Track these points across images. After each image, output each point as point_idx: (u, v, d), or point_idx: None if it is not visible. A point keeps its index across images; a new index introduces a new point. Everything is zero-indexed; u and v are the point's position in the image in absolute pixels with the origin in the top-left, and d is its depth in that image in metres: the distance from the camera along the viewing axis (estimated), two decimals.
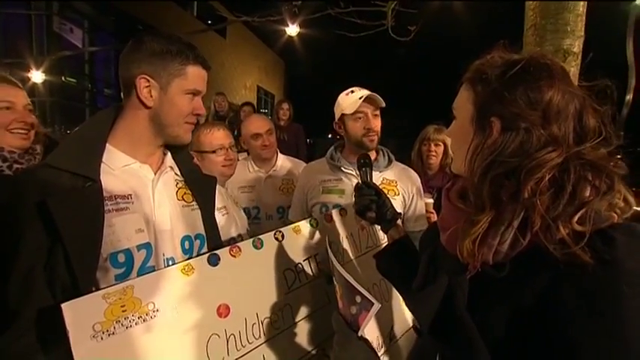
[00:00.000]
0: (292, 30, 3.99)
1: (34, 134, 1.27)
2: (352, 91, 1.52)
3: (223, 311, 0.88)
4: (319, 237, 1.17)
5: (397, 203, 1.51)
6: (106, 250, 0.83)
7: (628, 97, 2.19)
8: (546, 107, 0.59)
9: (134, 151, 0.94)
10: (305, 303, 1.05)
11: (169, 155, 1.05)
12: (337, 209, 1.28)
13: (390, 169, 1.58)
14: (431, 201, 1.86)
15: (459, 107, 0.72)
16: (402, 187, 1.57)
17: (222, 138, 1.59)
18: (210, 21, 10.16)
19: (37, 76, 4.16)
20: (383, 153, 1.62)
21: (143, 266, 0.89)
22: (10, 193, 0.82)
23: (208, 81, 1.00)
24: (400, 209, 1.54)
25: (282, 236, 1.06)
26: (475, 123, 0.66)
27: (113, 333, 0.70)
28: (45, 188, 0.79)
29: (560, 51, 1.64)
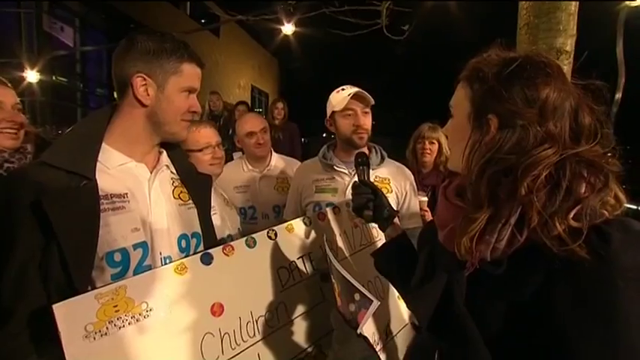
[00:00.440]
0: (288, 29, 3.97)
1: (24, 134, 1.26)
2: (342, 89, 1.52)
3: (217, 310, 0.87)
4: (313, 235, 1.16)
5: (390, 201, 1.50)
6: (102, 250, 0.83)
7: (618, 96, 2.22)
8: (543, 105, 0.60)
9: (130, 150, 0.94)
10: (299, 301, 1.05)
11: (165, 154, 1.04)
12: (330, 207, 1.27)
13: (383, 167, 1.58)
14: (425, 199, 1.87)
15: (457, 105, 0.72)
16: (395, 185, 1.57)
17: (208, 136, 1.54)
18: (203, 20, 10.10)
19: (32, 76, 4.08)
20: (375, 150, 1.62)
21: (139, 265, 0.88)
22: (4, 192, 0.81)
23: (202, 80, 1.00)
24: (394, 207, 1.54)
25: (275, 235, 1.06)
26: (472, 120, 0.66)
27: (106, 333, 0.70)
28: (40, 186, 0.78)
29: (553, 49, 1.66)
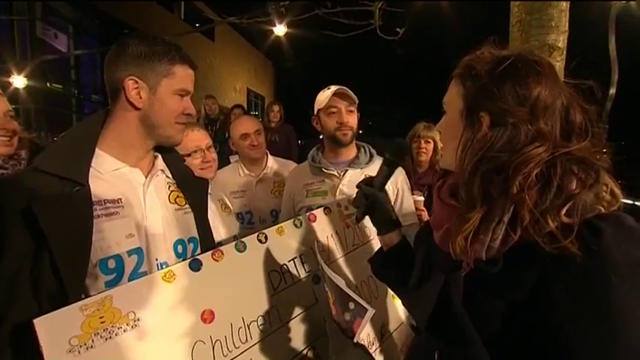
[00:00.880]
0: (280, 30, 3.96)
1: (18, 140, 1.26)
2: (328, 88, 1.53)
3: (208, 317, 0.85)
4: (304, 237, 1.15)
5: None
6: (96, 257, 0.81)
7: (611, 91, 2.22)
8: (534, 103, 0.60)
9: (124, 155, 0.93)
10: (292, 304, 1.04)
11: (160, 158, 1.03)
12: (321, 208, 1.26)
13: (373, 165, 1.55)
14: (421, 199, 1.85)
15: (449, 102, 0.72)
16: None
17: (197, 140, 1.49)
18: (197, 24, 10.08)
19: (19, 81, 4.03)
20: (364, 149, 1.61)
21: (135, 272, 0.87)
22: None
23: (198, 84, 0.99)
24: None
25: (265, 238, 1.04)
26: (465, 118, 0.67)
27: (91, 346, 0.68)
28: (32, 193, 0.77)
29: (545, 46, 1.67)
